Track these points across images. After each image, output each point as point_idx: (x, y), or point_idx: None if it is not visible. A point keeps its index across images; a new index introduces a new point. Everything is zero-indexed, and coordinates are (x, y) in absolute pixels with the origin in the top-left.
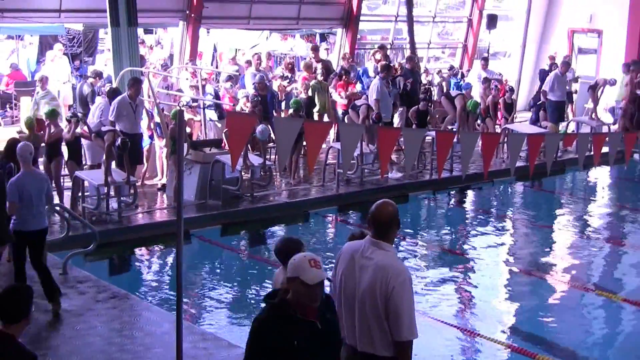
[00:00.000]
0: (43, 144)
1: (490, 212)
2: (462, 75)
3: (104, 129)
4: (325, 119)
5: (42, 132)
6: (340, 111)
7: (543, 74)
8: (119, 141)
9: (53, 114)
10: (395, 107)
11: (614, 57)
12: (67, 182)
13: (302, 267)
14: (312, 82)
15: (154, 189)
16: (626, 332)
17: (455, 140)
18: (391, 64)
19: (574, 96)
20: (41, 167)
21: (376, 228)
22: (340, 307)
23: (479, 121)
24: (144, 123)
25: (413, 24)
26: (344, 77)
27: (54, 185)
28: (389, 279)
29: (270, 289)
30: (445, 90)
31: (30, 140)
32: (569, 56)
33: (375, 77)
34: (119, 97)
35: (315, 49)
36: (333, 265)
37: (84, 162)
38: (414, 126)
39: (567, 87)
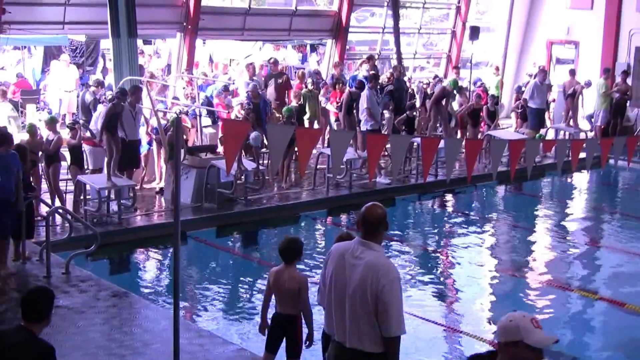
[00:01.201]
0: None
1: (473, 215)
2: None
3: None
4: (316, 125)
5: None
6: (332, 119)
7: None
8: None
9: (52, 122)
10: (383, 115)
11: (590, 66)
12: (70, 186)
13: (527, 328)
14: (304, 91)
15: (152, 193)
16: (602, 328)
17: (440, 145)
18: (379, 74)
19: (552, 104)
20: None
21: (366, 229)
22: (330, 305)
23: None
24: (142, 129)
25: (399, 35)
26: (337, 86)
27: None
28: (380, 277)
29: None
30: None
31: (31, 146)
32: (543, 66)
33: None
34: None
35: (275, 63)
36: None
37: (86, 167)
38: (403, 133)
39: None
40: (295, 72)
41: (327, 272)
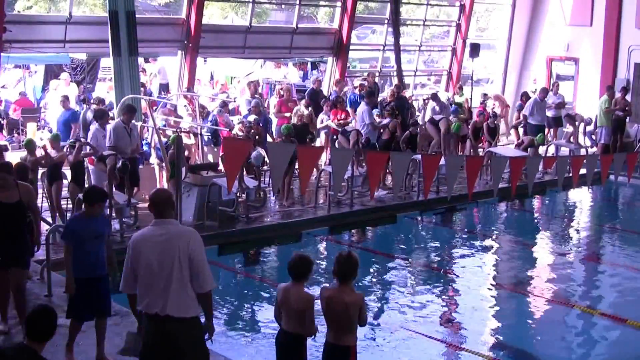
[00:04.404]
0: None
1: (475, 232)
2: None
3: (105, 153)
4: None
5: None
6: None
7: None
8: (119, 164)
9: (56, 139)
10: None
11: (590, 83)
12: (70, 204)
13: None
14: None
15: None
16: (603, 344)
17: (441, 162)
18: (374, 91)
19: (563, 120)
20: (40, 190)
21: (158, 209)
22: (144, 286)
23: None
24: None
25: (400, 52)
26: (338, 104)
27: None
28: (189, 242)
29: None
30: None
31: (30, 163)
32: (557, 83)
33: (361, 104)
34: (113, 123)
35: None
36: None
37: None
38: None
39: (554, 112)
40: (274, 86)
41: (135, 258)
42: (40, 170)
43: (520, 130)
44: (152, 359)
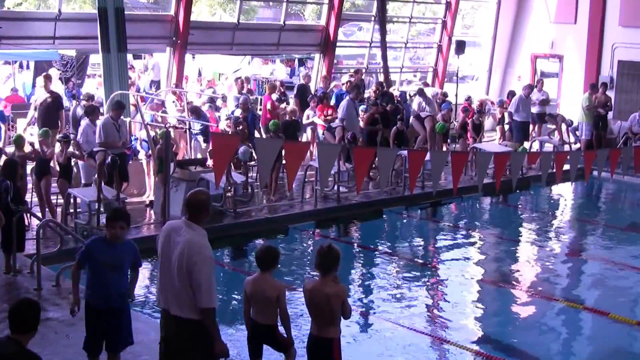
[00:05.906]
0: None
1: (459, 226)
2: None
3: (95, 149)
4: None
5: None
6: (320, 132)
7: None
8: (109, 159)
9: (46, 135)
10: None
11: (574, 80)
12: (61, 200)
13: None
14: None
15: (142, 205)
16: (586, 338)
17: (426, 158)
18: (360, 87)
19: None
20: (30, 185)
21: (189, 211)
22: (160, 277)
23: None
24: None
25: (386, 49)
26: (324, 101)
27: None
28: (193, 254)
29: None
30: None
31: (20, 158)
32: (541, 80)
33: (345, 98)
34: (102, 119)
35: (47, 78)
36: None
37: (79, 181)
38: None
39: (538, 108)
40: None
41: (159, 247)
42: (30, 165)
43: (506, 127)
44: (164, 349)
